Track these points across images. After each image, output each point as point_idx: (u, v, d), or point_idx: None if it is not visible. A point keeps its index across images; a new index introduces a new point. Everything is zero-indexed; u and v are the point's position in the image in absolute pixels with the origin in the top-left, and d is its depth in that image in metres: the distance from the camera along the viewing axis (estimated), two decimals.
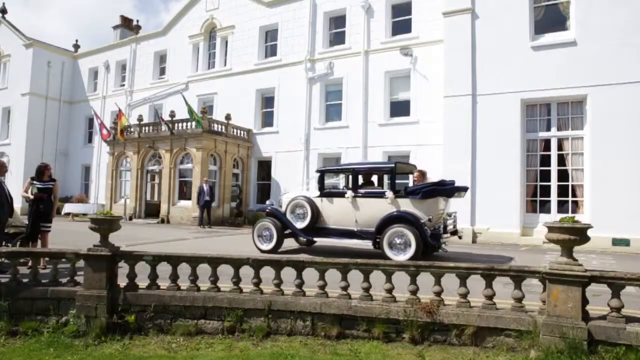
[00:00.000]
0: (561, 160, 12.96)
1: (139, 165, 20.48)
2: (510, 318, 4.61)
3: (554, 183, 12.97)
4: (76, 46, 29.21)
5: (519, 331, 4.55)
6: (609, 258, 10.12)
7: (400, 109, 16.92)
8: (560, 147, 13.02)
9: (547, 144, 13.24)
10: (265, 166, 20.57)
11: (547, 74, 12.77)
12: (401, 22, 17.20)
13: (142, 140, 20.36)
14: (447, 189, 8.74)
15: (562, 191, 12.90)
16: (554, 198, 12.96)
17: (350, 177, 9.53)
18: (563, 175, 12.92)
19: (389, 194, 8.77)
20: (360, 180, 9.57)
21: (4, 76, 28.56)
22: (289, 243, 10.68)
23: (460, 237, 9.78)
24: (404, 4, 17.09)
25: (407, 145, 16.13)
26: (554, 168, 12.99)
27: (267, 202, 11.12)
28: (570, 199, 12.76)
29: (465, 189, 9.22)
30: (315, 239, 9.97)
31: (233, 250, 9.66)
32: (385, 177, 10.70)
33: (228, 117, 19.82)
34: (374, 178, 10.47)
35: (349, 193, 9.12)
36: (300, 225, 9.55)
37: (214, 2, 22.45)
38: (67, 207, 21.83)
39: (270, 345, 5.03)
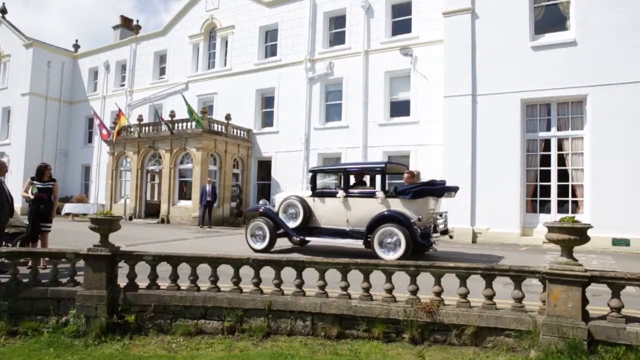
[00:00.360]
0: (561, 160, 12.96)
1: (139, 165, 20.48)
2: (510, 318, 4.61)
3: (554, 183, 12.97)
4: (76, 46, 29.21)
5: (519, 331, 4.55)
6: (609, 258, 10.12)
7: (400, 109, 16.90)
8: (560, 147, 13.02)
9: (547, 144, 13.24)
10: (265, 166, 20.57)
11: (547, 74, 12.77)
12: (401, 22, 17.19)
13: (142, 140, 20.36)
14: (436, 189, 8.78)
15: (562, 191, 12.91)
16: (554, 198, 12.96)
17: (342, 177, 9.55)
18: (563, 175, 12.92)
19: (380, 193, 8.82)
20: (352, 180, 9.62)
21: (4, 76, 28.55)
22: (283, 243, 10.69)
23: (451, 237, 9.80)
24: (404, 4, 17.08)
25: (407, 145, 16.12)
26: (554, 168, 12.99)
27: (260, 202, 11.13)
28: (570, 199, 12.76)
29: (455, 189, 9.22)
30: (307, 238, 10.00)
31: (233, 250, 9.66)
32: (377, 177, 10.74)
33: (228, 117, 19.82)
34: (367, 178, 10.52)
35: (341, 193, 9.17)
36: (292, 224, 9.60)
37: (214, 2, 22.44)
38: (67, 207, 21.81)
39: (270, 345, 5.03)
